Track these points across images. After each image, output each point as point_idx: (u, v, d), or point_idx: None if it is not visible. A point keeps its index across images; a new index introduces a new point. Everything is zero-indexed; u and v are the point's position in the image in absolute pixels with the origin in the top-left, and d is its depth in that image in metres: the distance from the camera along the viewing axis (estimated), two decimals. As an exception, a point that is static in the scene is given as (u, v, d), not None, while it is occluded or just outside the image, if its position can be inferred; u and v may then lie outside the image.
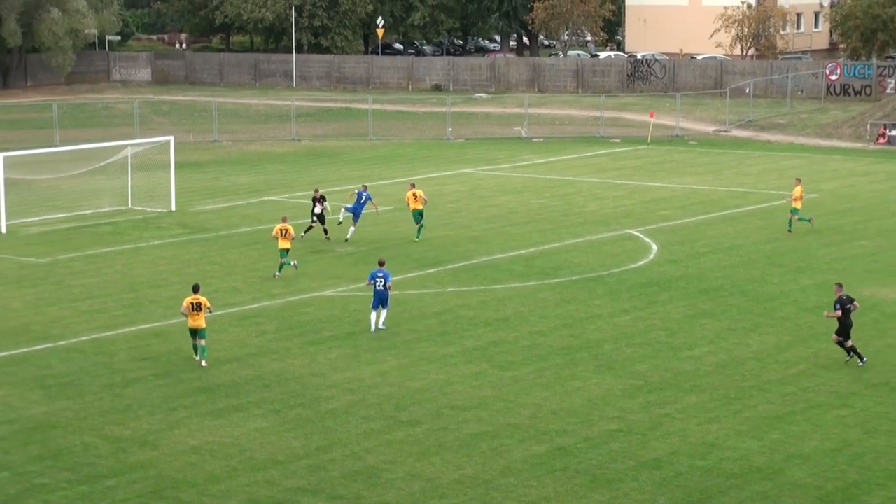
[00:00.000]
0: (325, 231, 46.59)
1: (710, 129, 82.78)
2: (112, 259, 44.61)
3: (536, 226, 50.22)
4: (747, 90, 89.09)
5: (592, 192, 58.42)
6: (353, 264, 42.81)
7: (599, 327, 35.34)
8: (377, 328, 34.58)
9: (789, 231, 47.95)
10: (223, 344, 33.61)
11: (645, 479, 24.59)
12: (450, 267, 42.83)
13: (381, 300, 34.57)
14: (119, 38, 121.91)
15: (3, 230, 49.05)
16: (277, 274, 41.06)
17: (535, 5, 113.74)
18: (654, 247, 45.94)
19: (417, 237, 46.63)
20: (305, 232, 46.41)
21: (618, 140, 78.37)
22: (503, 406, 28.71)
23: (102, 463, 25.36)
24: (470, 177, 63.86)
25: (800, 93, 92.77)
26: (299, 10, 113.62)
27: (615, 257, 44.30)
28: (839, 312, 31.41)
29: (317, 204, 46.38)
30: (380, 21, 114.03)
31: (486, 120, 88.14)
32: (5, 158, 50.37)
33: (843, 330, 31.45)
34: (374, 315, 34.69)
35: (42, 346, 33.70)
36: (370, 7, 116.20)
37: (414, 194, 46.77)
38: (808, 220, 48.30)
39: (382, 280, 34.31)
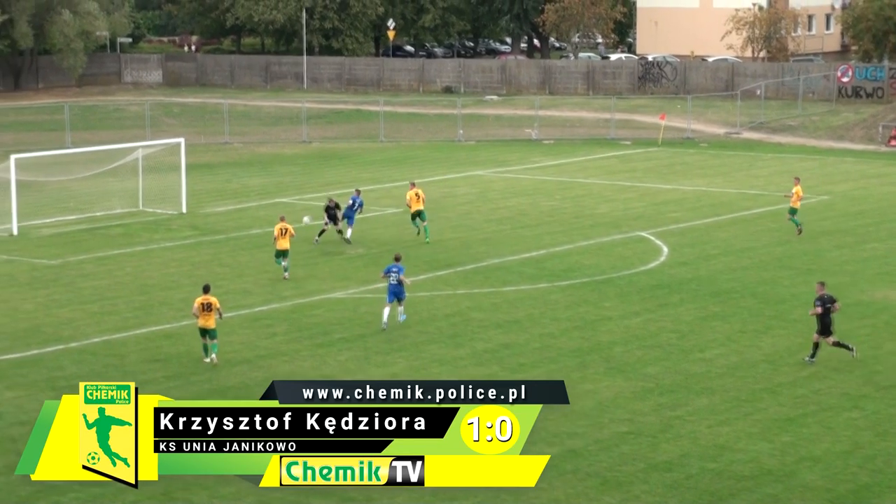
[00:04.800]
0: (339, 231, 46.52)
1: (721, 131, 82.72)
2: (123, 261, 44.67)
3: (547, 228, 50.20)
4: (758, 92, 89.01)
5: (603, 195, 58.39)
6: (364, 266, 42.80)
7: (610, 329, 35.32)
8: (388, 323, 34.71)
9: (798, 233, 47.63)
10: (233, 346, 33.65)
11: (655, 482, 24.58)
12: (460, 269, 42.82)
13: (395, 294, 34.74)
14: (130, 40, 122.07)
15: (15, 232, 49.11)
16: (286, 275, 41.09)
17: (545, 7, 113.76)
18: (665, 249, 45.90)
19: (427, 239, 46.51)
20: (319, 235, 46.51)
21: (628, 142, 78.32)
22: (513, 408, 28.66)
23: (113, 465, 25.34)
24: (480, 179, 63.85)
25: (811, 95, 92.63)
26: (310, 12, 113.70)
27: (625, 259, 44.28)
28: (819, 310, 31.53)
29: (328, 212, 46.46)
30: (391, 23, 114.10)
31: (496, 122, 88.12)
32: (17, 160, 50.49)
33: (824, 328, 31.60)
34: (387, 309, 34.87)
35: (53, 348, 33.76)
36: (381, 9, 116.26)
37: (416, 194, 46.13)
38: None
39: (396, 274, 34.53)
